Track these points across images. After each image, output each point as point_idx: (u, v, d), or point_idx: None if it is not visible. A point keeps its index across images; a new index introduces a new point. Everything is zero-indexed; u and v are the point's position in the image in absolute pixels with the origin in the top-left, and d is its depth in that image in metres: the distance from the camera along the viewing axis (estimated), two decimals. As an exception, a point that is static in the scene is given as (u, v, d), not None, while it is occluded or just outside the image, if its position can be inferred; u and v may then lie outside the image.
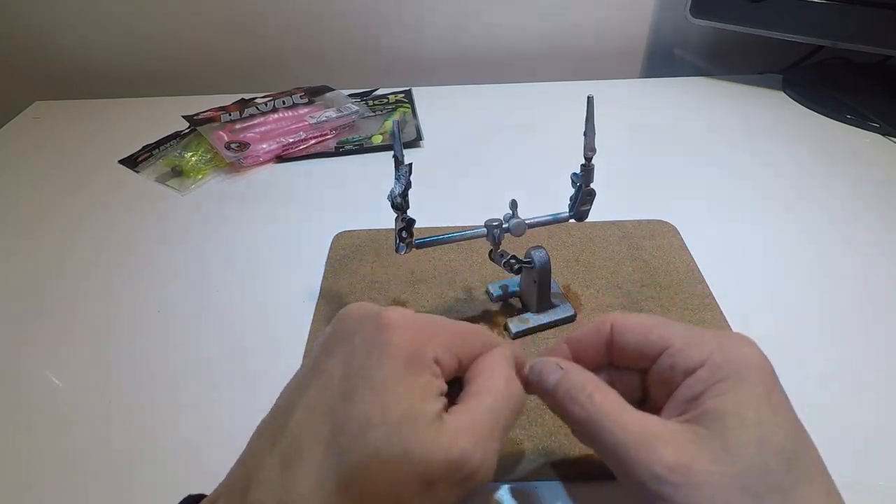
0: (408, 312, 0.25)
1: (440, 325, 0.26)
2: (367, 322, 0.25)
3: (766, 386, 0.23)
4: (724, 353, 0.23)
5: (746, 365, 0.23)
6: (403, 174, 0.35)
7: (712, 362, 0.23)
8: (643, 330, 0.26)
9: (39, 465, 0.35)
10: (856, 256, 0.49)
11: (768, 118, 0.70)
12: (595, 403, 0.24)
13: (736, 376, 0.23)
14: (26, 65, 0.83)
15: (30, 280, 0.49)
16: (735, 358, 0.23)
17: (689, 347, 0.24)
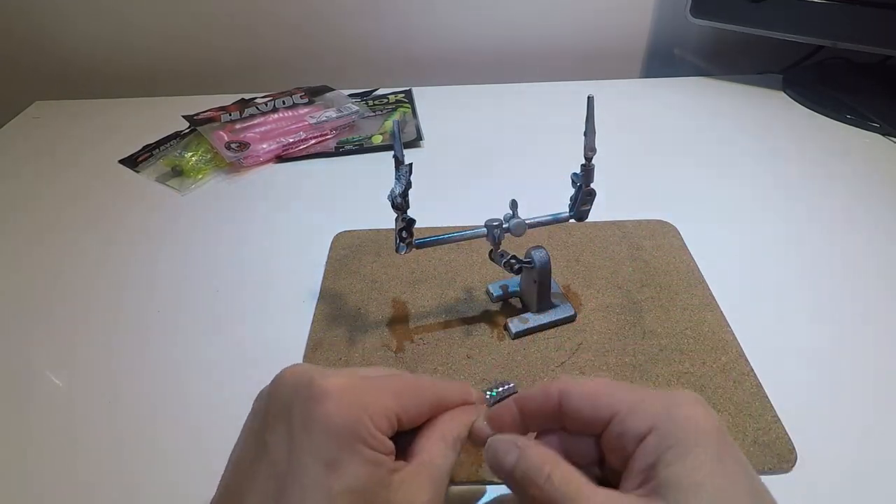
0: (341, 380, 0.25)
1: (378, 389, 0.25)
2: (301, 392, 0.24)
3: (717, 448, 0.22)
4: (671, 417, 0.23)
5: (694, 429, 0.22)
6: (403, 174, 0.35)
7: (659, 429, 0.23)
8: (590, 397, 0.25)
9: (40, 464, 0.35)
10: (856, 256, 0.49)
11: (768, 118, 0.70)
12: (554, 485, 0.23)
13: (685, 442, 0.22)
14: (26, 65, 0.83)
15: (30, 280, 0.49)
16: (682, 422, 0.22)
17: (635, 413, 0.23)
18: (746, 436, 0.35)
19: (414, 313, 0.44)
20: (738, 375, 0.38)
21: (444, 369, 0.40)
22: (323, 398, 0.24)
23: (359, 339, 0.42)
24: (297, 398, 0.24)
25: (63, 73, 0.84)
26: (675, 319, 0.43)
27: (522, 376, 0.39)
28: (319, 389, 0.24)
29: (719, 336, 0.41)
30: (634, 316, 0.43)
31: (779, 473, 0.33)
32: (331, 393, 0.24)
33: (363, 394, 0.25)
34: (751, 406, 0.36)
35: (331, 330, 0.43)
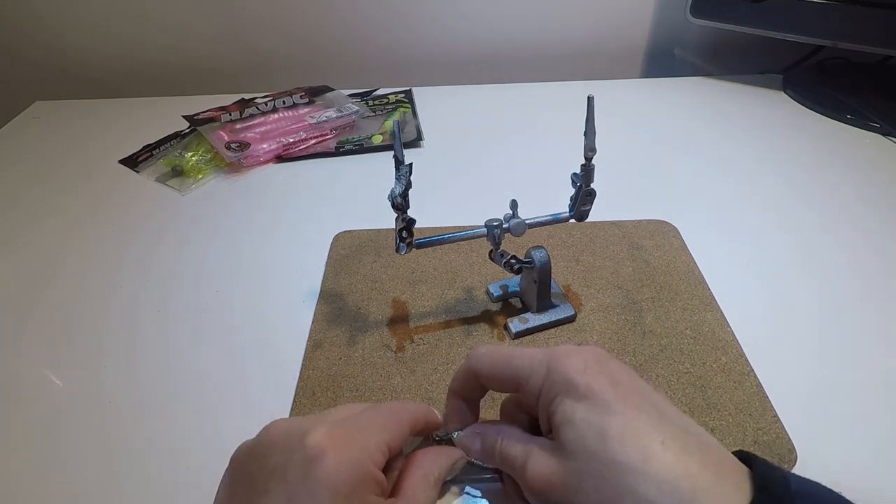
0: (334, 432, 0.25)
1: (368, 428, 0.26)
2: (295, 453, 0.24)
3: (581, 386, 0.25)
4: (551, 373, 0.27)
5: (565, 377, 0.26)
6: (404, 174, 0.35)
7: (545, 386, 0.27)
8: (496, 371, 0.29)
9: (38, 464, 0.35)
10: (856, 256, 0.49)
11: (768, 118, 0.70)
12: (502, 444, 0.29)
13: (562, 391, 0.26)
14: (26, 65, 0.83)
15: (30, 279, 0.49)
16: (557, 374, 0.26)
17: (529, 379, 0.27)
18: (746, 436, 0.35)
19: (414, 313, 0.44)
20: (738, 375, 0.38)
21: (444, 369, 0.40)
22: (321, 456, 0.23)
23: (359, 338, 0.42)
24: (291, 461, 0.24)
25: (63, 73, 0.84)
26: (675, 319, 0.43)
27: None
28: (315, 447, 0.24)
29: (719, 336, 0.41)
30: (634, 316, 0.43)
31: (779, 473, 0.33)
32: (327, 449, 0.24)
33: (358, 438, 0.25)
34: (751, 406, 0.36)
35: (331, 330, 0.43)
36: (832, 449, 0.35)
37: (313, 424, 0.25)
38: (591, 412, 0.25)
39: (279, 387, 0.39)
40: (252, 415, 0.37)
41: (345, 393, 0.38)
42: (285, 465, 0.24)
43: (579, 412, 0.25)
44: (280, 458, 0.24)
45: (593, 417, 0.25)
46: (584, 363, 0.26)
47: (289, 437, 0.25)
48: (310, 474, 0.23)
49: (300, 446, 0.24)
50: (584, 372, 0.26)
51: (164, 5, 0.79)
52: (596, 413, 0.25)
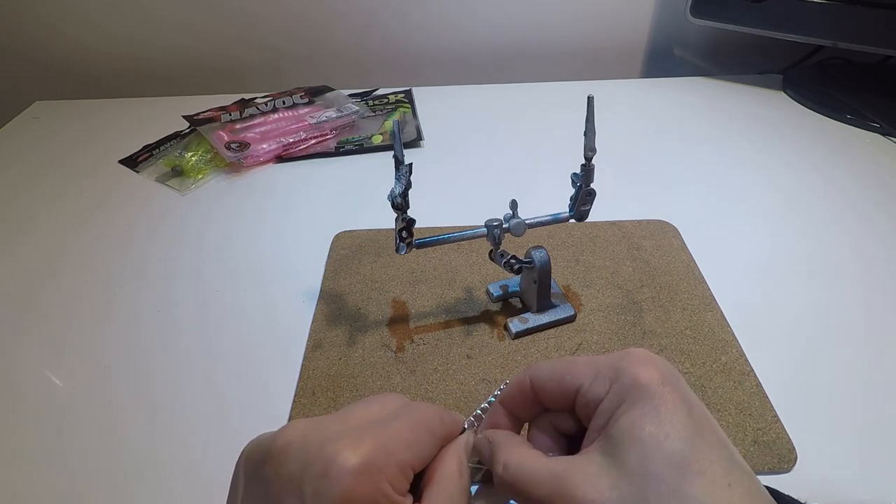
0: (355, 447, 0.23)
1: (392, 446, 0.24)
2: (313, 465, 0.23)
3: (656, 399, 0.23)
4: (620, 380, 0.24)
5: (637, 386, 0.24)
6: (403, 174, 0.35)
7: (611, 392, 0.25)
8: (556, 378, 0.27)
9: (39, 464, 0.35)
10: (856, 256, 0.49)
11: (768, 118, 0.70)
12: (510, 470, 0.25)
13: (629, 399, 0.24)
14: (26, 65, 0.83)
15: (30, 279, 0.49)
16: (628, 382, 0.24)
17: (594, 383, 0.25)
18: (746, 436, 0.35)
19: (414, 313, 0.44)
20: (738, 375, 0.38)
21: (443, 369, 0.40)
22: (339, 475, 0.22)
23: (359, 338, 0.42)
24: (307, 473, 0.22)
25: (63, 73, 0.84)
26: (675, 319, 0.43)
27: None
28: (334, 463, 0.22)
29: (719, 336, 0.41)
30: (634, 316, 0.43)
31: (779, 473, 0.33)
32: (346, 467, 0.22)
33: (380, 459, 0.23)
34: (751, 406, 0.36)
35: (331, 330, 0.43)
36: (832, 449, 0.35)
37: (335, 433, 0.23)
38: (662, 432, 0.23)
39: (279, 387, 0.39)
40: (252, 415, 0.38)
41: (345, 393, 0.38)
42: (301, 476, 0.22)
43: (648, 428, 0.23)
44: (296, 466, 0.23)
45: (665, 441, 0.23)
46: (662, 376, 0.24)
47: (307, 444, 0.23)
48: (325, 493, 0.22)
49: (318, 457, 0.23)
50: (661, 384, 0.24)
51: (164, 5, 0.79)
52: (667, 436, 0.23)
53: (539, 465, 0.25)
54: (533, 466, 0.25)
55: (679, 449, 0.23)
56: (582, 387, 0.26)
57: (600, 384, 0.25)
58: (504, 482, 0.25)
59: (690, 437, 0.23)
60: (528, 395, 0.28)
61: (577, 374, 0.26)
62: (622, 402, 0.24)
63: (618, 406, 0.24)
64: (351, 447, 0.23)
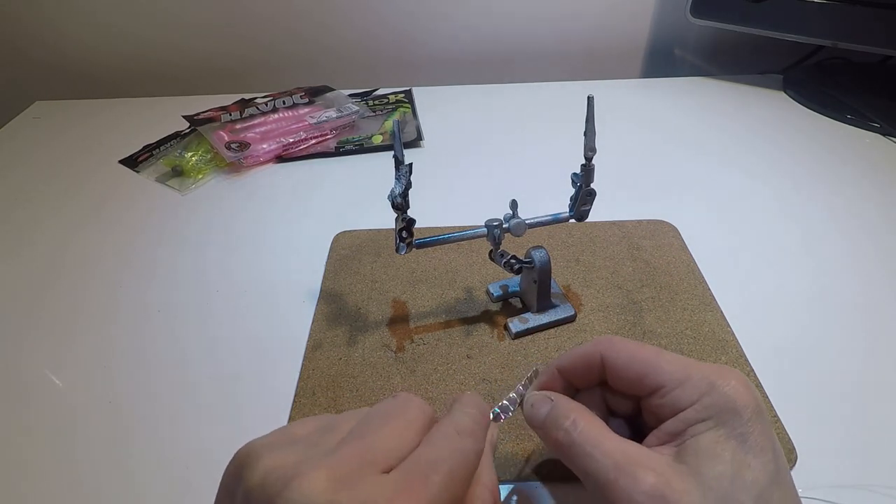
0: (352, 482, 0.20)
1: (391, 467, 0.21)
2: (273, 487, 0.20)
3: (747, 427, 0.23)
4: (713, 394, 0.24)
5: (730, 406, 0.23)
6: (403, 174, 0.35)
7: (700, 403, 0.24)
8: (637, 370, 0.26)
9: (39, 464, 0.35)
10: (856, 256, 0.49)
11: (768, 118, 0.70)
12: (578, 429, 0.25)
13: (718, 417, 0.23)
14: (26, 65, 0.83)
15: (30, 280, 0.49)
16: (721, 399, 0.24)
17: (681, 388, 0.25)
18: (746, 436, 0.35)
19: (414, 313, 0.44)
20: (738, 375, 0.38)
21: (443, 369, 0.40)
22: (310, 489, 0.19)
23: (359, 338, 0.42)
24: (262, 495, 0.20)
25: (63, 73, 0.84)
26: (675, 319, 0.43)
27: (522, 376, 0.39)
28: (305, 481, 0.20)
29: (719, 336, 0.41)
30: (634, 316, 0.43)
31: (779, 473, 0.33)
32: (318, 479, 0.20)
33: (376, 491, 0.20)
34: (751, 406, 0.36)
35: (331, 330, 0.43)
36: (832, 449, 0.35)
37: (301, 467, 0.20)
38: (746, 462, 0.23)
39: (279, 387, 0.39)
40: (252, 415, 0.38)
41: (345, 393, 0.38)
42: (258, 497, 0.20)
43: (733, 453, 0.23)
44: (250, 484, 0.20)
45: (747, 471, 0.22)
46: (757, 406, 0.24)
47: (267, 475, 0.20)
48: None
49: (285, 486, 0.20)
50: (755, 413, 0.24)
51: (164, 5, 0.79)
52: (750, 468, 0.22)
53: (610, 437, 0.24)
54: (602, 436, 0.24)
55: (760, 483, 0.22)
56: (665, 388, 0.25)
57: (687, 394, 0.24)
58: (568, 441, 0.25)
59: (773, 475, 0.23)
60: (595, 371, 0.27)
61: (663, 373, 0.25)
62: (710, 418, 0.23)
63: (703, 420, 0.23)
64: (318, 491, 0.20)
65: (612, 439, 0.24)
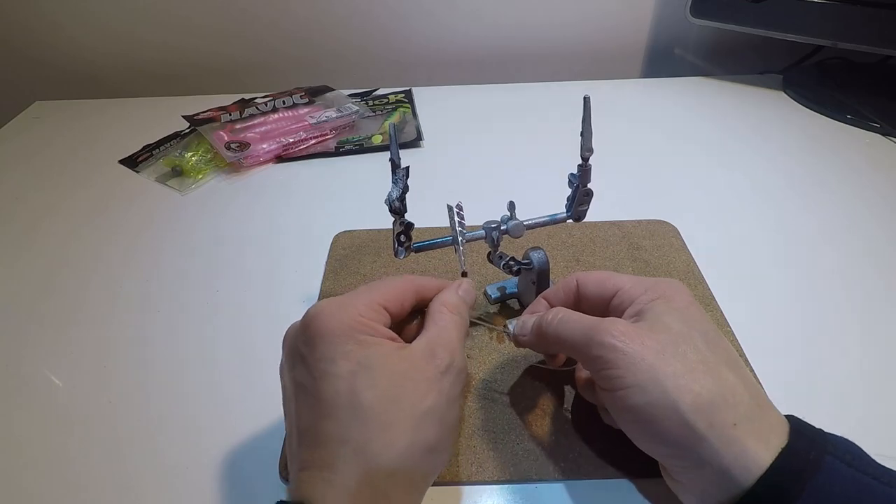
0: (325, 301, 0.29)
1: (359, 293, 0.30)
2: (298, 329, 0.29)
3: (685, 303, 0.30)
4: (657, 286, 0.31)
5: (671, 291, 0.31)
6: (401, 178, 0.34)
7: (649, 291, 0.31)
8: (600, 281, 0.33)
9: (39, 464, 0.35)
10: (856, 256, 0.49)
11: (768, 118, 0.70)
12: (560, 317, 0.31)
13: (663, 297, 0.30)
14: (26, 65, 0.83)
15: (30, 280, 0.49)
16: (664, 289, 0.31)
17: (634, 287, 0.32)
18: (745, 436, 0.35)
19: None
20: (737, 376, 0.38)
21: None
22: (314, 320, 0.28)
23: (358, 339, 0.42)
24: (298, 336, 0.28)
25: (63, 73, 0.84)
26: (675, 320, 0.43)
27: (523, 376, 0.39)
28: (309, 317, 0.28)
29: (719, 336, 0.41)
30: (634, 316, 0.43)
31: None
32: (318, 314, 0.28)
33: (345, 300, 0.29)
34: (750, 406, 0.36)
35: (330, 330, 0.43)
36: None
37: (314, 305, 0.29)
38: (695, 316, 0.30)
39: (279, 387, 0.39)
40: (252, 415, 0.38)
41: (344, 393, 0.38)
42: (295, 343, 0.29)
43: (683, 309, 0.30)
44: (293, 340, 0.29)
45: (698, 323, 0.29)
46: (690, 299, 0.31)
47: (294, 325, 0.30)
48: (310, 337, 0.27)
49: (301, 324, 0.29)
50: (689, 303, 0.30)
51: (164, 5, 0.79)
52: (700, 321, 0.29)
53: (585, 315, 0.31)
54: (579, 315, 0.31)
55: (710, 330, 0.29)
56: (622, 289, 0.32)
57: (639, 287, 0.31)
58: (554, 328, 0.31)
59: (714, 329, 0.30)
60: (571, 294, 0.34)
61: (619, 279, 0.32)
62: (656, 298, 0.30)
63: (652, 300, 0.30)
64: (322, 303, 0.29)
65: (587, 317, 0.31)
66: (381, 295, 0.30)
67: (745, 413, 0.26)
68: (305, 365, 0.27)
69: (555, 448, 0.34)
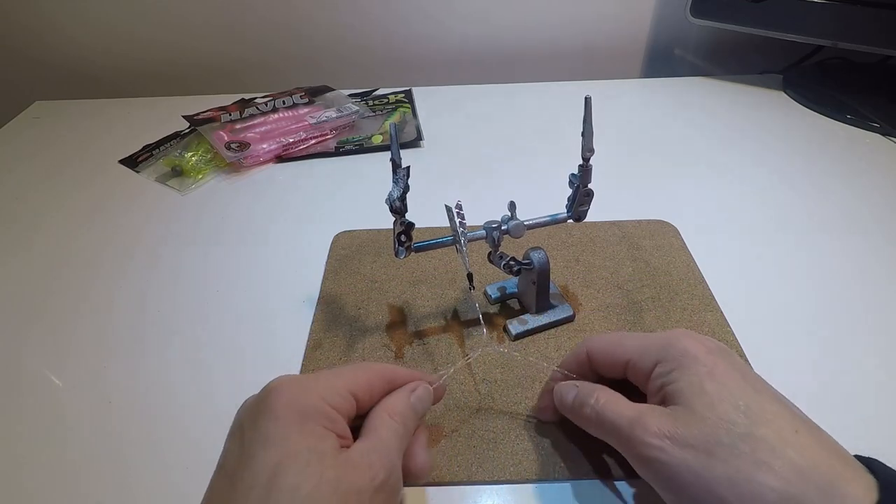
0: (288, 376, 0.27)
1: (327, 375, 0.28)
2: (252, 401, 0.27)
3: (709, 366, 0.28)
4: (668, 353, 0.29)
5: (687, 355, 0.28)
6: (401, 178, 0.34)
7: (661, 362, 0.29)
8: (607, 351, 0.32)
9: (39, 464, 0.35)
10: (856, 256, 0.49)
11: (768, 118, 0.70)
12: (601, 402, 0.30)
13: (680, 367, 0.28)
14: (26, 65, 0.83)
15: (30, 280, 0.49)
16: (678, 353, 0.29)
17: (642, 357, 0.30)
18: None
19: (414, 313, 0.44)
20: (737, 376, 0.38)
21: (444, 370, 0.39)
22: (269, 394, 0.26)
23: (359, 339, 0.42)
24: (250, 408, 0.27)
25: (63, 73, 0.84)
26: (675, 319, 0.43)
27: (522, 376, 0.39)
28: (266, 390, 0.27)
29: (719, 336, 0.41)
30: (634, 316, 0.43)
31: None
32: (274, 389, 0.26)
33: (311, 380, 0.27)
34: (750, 406, 0.36)
35: (331, 330, 0.43)
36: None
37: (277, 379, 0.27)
38: (724, 388, 0.27)
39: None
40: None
41: (344, 393, 0.38)
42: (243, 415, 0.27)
43: (708, 384, 0.27)
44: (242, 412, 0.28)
45: (727, 394, 0.26)
46: (707, 349, 0.28)
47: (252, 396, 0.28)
48: (259, 411, 0.26)
49: (257, 396, 0.27)
50: (708, 353, 0.28)
51: (164, 5, 0.79)
52: (729, 391, 0.26)
53: (624, 403, 0.29)
54: (618, 404, 0.30)
55: (743, 400, 0.26)
56: (631, 360, 0.30)
57: (647, 359, 0.29)
58: (594, 413, 0.30)
59: (751, 392, 0.27)
60: (585, 364, 0.33)
61: (627, 349, 0.31)
62: (674, 370, 0.28)
63: (670, 372, 0.28)
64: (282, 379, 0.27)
65: (626, 404, 0.29)
66: (351, 381, 0.28)
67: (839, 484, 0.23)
68: (241, 441, 0.25)
69: (555, 448, 0.34)
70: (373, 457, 0.26)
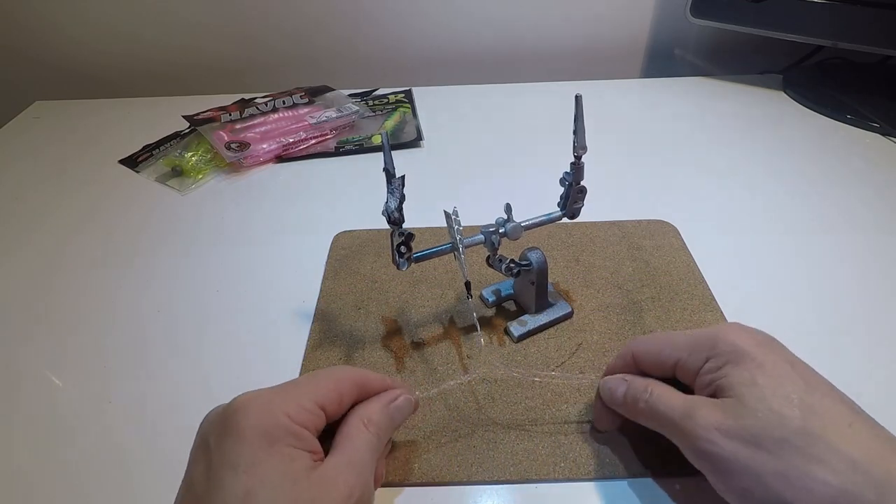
0: (254, 392, 0.27)
1: (293, 389, 0.27)
2: (215, 419, 0.26)
3: (759, 359, 0.27)
4: (718, 348, 0.29)
5: (736, 350, 0.28)
6: (397, 187, 0.34)
7: (711, 359, 0.29)
8: (655, 354, 0.32)
9: (39, 464, 0.35)
10: (856, 256, 0.49)
11: (768, 118, 0.70)
12: (654, 396, 0.30)
13: (732, 361, 0.28)
14: (26, 65, 0.83)
15: (30, 280, 0.49)
16: (727, 348, 0.28)
17: (692, 355, 0.30)
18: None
19: (414, 314, 0.44)
20: (737, 376, 0.38)
21: (443, 369, 0.40)
22: (235, 413, 0.25)
23: (359, 339, 0.42)
24: (214, 424, 0.26)
25: (63, 73, 0.84)
26: (675, 319, 0.43)
27: (523, 376, 0.39)
28: (231, 408, 0.26)
29: (719, 336, 0.41)
30: (634, 316, 0.43)
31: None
32: (240, 408, 0.25)
33: (275, 397, 0.26)
34: (750, 406, 0.36)
35: (331, 330, 0.43)
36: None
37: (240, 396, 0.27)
38: (774, 381, 0.26)
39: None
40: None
41: (344, 393, 0.38)
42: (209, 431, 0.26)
43: (760, 377, 0.26)
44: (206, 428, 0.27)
45: (779, 387, 0.26)
46: (757, 341, 0.28)
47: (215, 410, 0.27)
48: (225, 431, 0.25)
49: (221, 414, 0.26)
50: (758, 346, 0.28)
51: (165, 5, 0.79)
52: (781, 384, 0.26)
53: (676, 395, 0.29)
54: (670, 396, 0.30)
55: (796, 394, 0.26)
56: (681, 359, 0.30)
57: (697, 357, 0.29)
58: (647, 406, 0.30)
59: (802, 385, 0.26)
60: (631, 366, 0.33)
61: (675, 348, 0.30)
62: (725, 364, 0.28)
63: (720, 367, 0.28)
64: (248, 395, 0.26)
65: (678, 397, 0.29)
66: (318, 392, 0.27)
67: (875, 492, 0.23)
68: (208, 462, 0.25)
69: (555, 448, 0.34)
70: (347, 473, 0.26)
